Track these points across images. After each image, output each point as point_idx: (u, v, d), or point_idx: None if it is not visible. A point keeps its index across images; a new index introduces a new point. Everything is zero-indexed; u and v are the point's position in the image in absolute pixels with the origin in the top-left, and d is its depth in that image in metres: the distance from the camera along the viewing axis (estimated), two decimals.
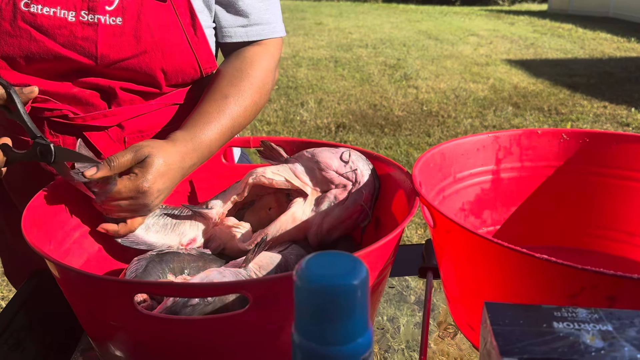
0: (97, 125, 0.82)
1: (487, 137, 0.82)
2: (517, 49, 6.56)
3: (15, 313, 0.78)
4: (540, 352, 0.38)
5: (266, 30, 0.89)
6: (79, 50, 0.77)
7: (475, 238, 0.55)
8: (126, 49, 0.78)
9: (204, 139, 0.77)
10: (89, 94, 0.81)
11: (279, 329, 0.53)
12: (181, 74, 0.83)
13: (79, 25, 0.77)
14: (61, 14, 0.76)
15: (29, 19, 0.75)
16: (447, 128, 3.99)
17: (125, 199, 0.69)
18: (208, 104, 0.81)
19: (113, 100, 0.82)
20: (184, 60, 0.82)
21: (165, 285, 0.50)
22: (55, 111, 0.80)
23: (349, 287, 0.37)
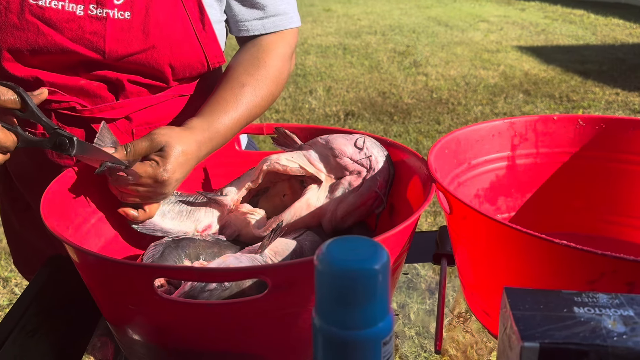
0: (105, 117, 0.82)
1: (502, 123, 0.81)
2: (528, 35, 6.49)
3: (32, 299, 0.79)
4: (562, 337, 0.38)
5: (283, 21, 0.89)
6: (87, 44, 0.77)
7: (493, 224, 0.55)
8: (134, 43, 0.78)
9: (220, 127, 0.77)
10: (97, 86, 0.81)
11: (296, 314, 0.54)
12: (189, 69, 0.83)
13: (88, 20, 0.76)
14: (69, 8, 0.76)
15: (37, 12, 0.75)
16: (457, 115, 3.96)
17: (144, 185, 0.70)
18: (225, 92, 0.81)
19: (121, 93, 0.82)
20: (192, 55, 0.82)
21: (186, 270, 0.50)
22: (63, 103, 0.80)
23: (370, 271, 0.37)
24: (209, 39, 0.83)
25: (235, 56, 0.88)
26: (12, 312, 0.76)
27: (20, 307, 0.77)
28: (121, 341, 0.63)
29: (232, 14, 0.87)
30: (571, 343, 0.38)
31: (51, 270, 0.86)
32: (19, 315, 0.75)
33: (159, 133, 0.71)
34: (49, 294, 0.81)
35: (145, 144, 0.70)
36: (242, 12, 0.87)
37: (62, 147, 0.67)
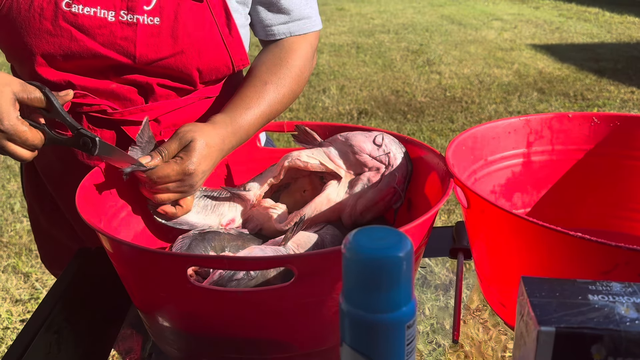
0: (135, 120, 0.84)
1: (518, 121, 0.83)
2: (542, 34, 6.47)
3: (63, 290, 0.82)
4: (577, 322, 0.41)
5: (307, 25, 0.91)
6: (118, 49, 0.79)
7: (511, 217, 0.57)
8: (164, 48, 0.80)
9: (243, 123, 0.80)
10: (127, 90, 0.83)
11: (321, 302, 0.56)
12: (215, 72, 0.86)
13: (119, 25, 0.78)
14: (101, 14, 0.78)
15: (70, 18, 0.77)
16: (470, 114, 3.97)
17: (174, 181, 0.73)
18: (248, 89, 0.83)
19: (150, 96, 0.85)
20: (218, 59, 0.84)
21: (217, 259, 0.53)
22: (94, 106, 0.83)
23: (396, 259, 0.39)
24: (234, 42, 0.85)
25: (258, 57, 0.91)
26: (44, 304, 0.79)
27: (51, 299, 0.80)
28: (151, 328, 0.66)
29: (259, 18, 0.90)
30: (586, 327, 0.40)
31: (80, 262, 0.89)
32: (53, 303, 0.78)
33: (184, 130, 0.74)
34: (78, 286, 0.84)
35: (175, 144, 0.73)
36: (269, 17, 0.90)
37: (85, 147, 0.70)
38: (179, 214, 0.77)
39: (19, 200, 2.83)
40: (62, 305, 0.78)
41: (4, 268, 2.30)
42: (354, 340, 0.42)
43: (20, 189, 2.94)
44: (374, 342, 0.41)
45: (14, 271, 2.28)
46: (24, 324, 1.97)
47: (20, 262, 2.32)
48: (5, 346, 1.88)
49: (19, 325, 1.98)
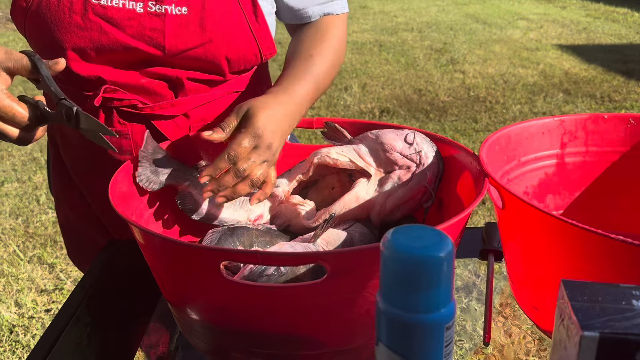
0: (165, 114, 0.85)
1: (552, 121, 0.81)
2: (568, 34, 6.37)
3: (94, 280, 0.83)
4: (622, 328, 0.39)
5: (338, 6, 0.93)
6: (148, 40, 0.79)
7: (549, 218, 0.56)
8: (192, 38, 0.80)
9: (297, 92, 0.79)
10: (157, 84, 0.83)
11: (352, 299, 0.56)
12: (243, 61, 0.86)
13: (147, 16, 0.79)
14: (130, 6, 0.78)
15: (100, 11, 0.78)
16: (494, 114, 3.92)
17: (250, 150, 0.69)
18: (295, 63, 0.84)
19: (180, 90, 0.85)
20: (246, 47, 0.84)
21: (250, 254, 0.53)
22: (125, 101, 0.83)
23: (437, 258, 0.39)
24: (261, 30, 0.85)
25: (296, 37, 0.91)
26: (73, 296, 0.80)
27: (80, 291, 0.81)
28: (180, 321, 0.67)
29: (289, 4, 0.90)
30: (631, 334, 0.39)
31: (109, 255, 0.90)
32: (84, 294, 0.79)
33: (239, 105, 0.73)
34: (107, 278, 0.85)
35: (233, 117, 0.71)
36: (300, 1, 0.90)
37: (69, 120, 0.65)
38: (268, 192, 0.75)
39: (45, 192, 2.87)
40: (91, 297, 0.79)
41: (30, 258, 2.34)
42: (391, 339, 0.41)
43: (47, 181, 2.99)
44: (412, 343, 0.40)
45: (40, 262, 2.32)
46: (48, 313, 2.00)
47: (45, 253, 2.36)
48: (31, 335, 1.91)
49: (43, 315, 2.01)
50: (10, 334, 1.92)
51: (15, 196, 2.84)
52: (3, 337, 1.90)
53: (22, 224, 2.59)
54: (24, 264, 2.30)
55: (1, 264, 2.30)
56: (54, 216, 2.65)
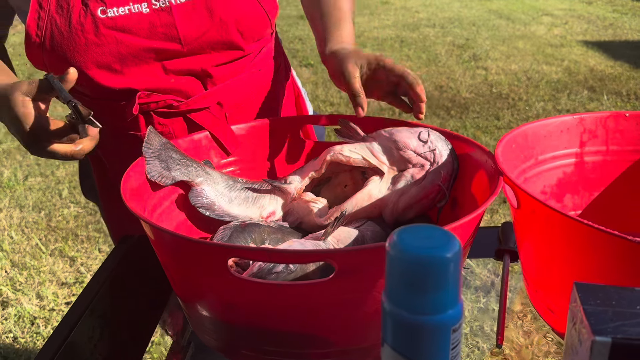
0: (199, 107, 0.87)
1: (571, 119, 0.80)
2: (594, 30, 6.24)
3: (109, 274, 0.84)
4: (636, 333, 0.38)
5: None
6: (162, 37, 0.80)
7: (565, 219, 0.54)
8: (203, 22, 0.81)
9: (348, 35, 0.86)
10: (185, 80, 0.85)
11: (361, 299, 0.55)
12: (255, 27, 0.87)
13: (155, 14, 0.79)
14: (135, 9, 0.79)
15: (110, 24, 0.79)
16: (517, 111, 3.86)
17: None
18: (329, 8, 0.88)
19: (208, 82, 0.87)
20: (253, 14, 0.86)
21: (258, 251, 0.52)
22: (160, 102, 0.85)
23: (444, 259, 0.38)
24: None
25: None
26: (88, 289, 0.80)
27: (95, 284, 0.82)
28: (191, 317, 0.67)
29: None
30: None
31: (125, 249, 0.91)
32: (95, 292, 0.80)
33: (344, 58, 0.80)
34: (122, 272, 0.86)
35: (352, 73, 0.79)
36: None
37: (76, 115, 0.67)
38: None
39: (67, 187, 2.92)
40: (105, 290, 0.80)
41: (52, 252, 2.38)
42: (396, 341, 0.40)
43: (69, 176, 3.03)
44: (418, 345, 0.40)
45: (61, 255, 2.36)
46: (68, 306, 2.03)
47: (66, 247, 2.40)
48: (51, 327, 1.95)
49: (64, 308, 2.04)
50: (32, 325, 1.95)
51: (38, 190, 2.89)
52: (24, 328, 1.94)
53: (44, 217, 2.64)
54: (46, 257, 2.34)
55: (24, 257, 2.34)
56: (75, 210, 2.69)
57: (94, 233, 2.51)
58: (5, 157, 3.29)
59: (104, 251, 2.37)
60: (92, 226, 2.56)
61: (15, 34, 6.08)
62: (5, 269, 2.27)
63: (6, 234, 2.51)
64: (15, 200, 2.79)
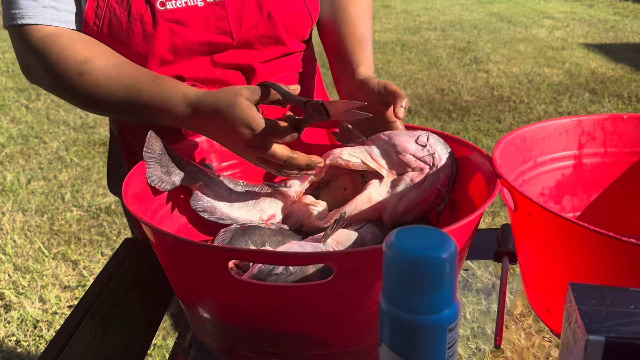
0: None
1: (569, 122, 0.80)
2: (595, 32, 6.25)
3: (111, 276, 0.84)
4: (629, 332, 0.39)
5: None
6: (215, 30, 0.83)
7: (560, 221, 0.55)
8: (252, 17, 0.84)
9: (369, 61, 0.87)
10: (230, 74, 0.87)
11: (359, 300, 0.56)
12: (298, 25, 0.89)
13: (209, 8, 0.82)
14: (191, 3, 0.81)
15: (168, 16, 0.80)
16: (519, 114, 3.87)
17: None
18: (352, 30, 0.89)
19: (252, 77, 0.89)
20: (298, 13, 0.88)
21: (258, 253, 0.53)
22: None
23: (439, 259, 0.38)
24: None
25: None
26: (90, 291, 0.81)
27: (97, 287, 0.82)
28: (192, 319, 0.67)
29: None
30: (638, 339, 0.38)
31: (126, 252, 0.91)
32: (96, 294, 0.81)
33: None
34: (124, 275, 0.87)
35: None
36: None
37: (320, 112, 0.69)
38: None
39: (70, 190, 2.93)
40: (107, 293, 0.81)
41: (54, 255, 2.39)
42: (394, 340, 0.41)
43: (71, 180, 3.04)
44: (414, 344, 0.40)
45: (63, 258, 2.37)
46: (71, 309, 2.04)
47: (69, 250, 2.41)
48: (54, 330, 1.95)
49: (66, 311, 2.05)
50: (34, 329, 1.96)
51: (41, 194, 2.90)
52: (27, 331, 1.95)
53: (47, 221, 2.65)
54: (49, 260, 2.35)
55: (27, 260, 2.35)
56: (78, 214, 2.70)
57: (96, 236, 2.52)
58: (8, 161, 3.30)
59: (107, 254, 2.38)
60: (94, 230, 2.57)
61: None
62: (8, 272, 2.28)
63: (9, 237, 2.52)
64: (18, 204, 2.80)
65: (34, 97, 4.42)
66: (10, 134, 3.70)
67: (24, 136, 3.66)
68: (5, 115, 4.03)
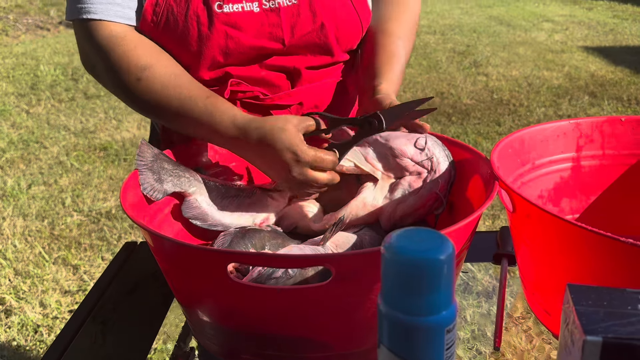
0: (282, 104, 0.89)
1: (568, 124, 0.80)
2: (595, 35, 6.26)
3: (111, 280, 0.85)
4: (626, 333, 0.39)
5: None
6: (268, 36, 0.84)
7: (558, 222, 0.55)
8: (305, 25, 0.84)
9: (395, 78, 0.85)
10: (275, 76, 0.88)
11: (358, 302, 0.56)
12: (350, 37, 0.90)
13: (264, 14, 0.83)
14: (247, 8, 0.82)
15: (224, 19, 0.82)
16: (518, 117, 3.88)
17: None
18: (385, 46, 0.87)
19: (297, 81, 0.89)
20: (350, 23, 0.88)
21: (257, 256, 0.53)
22: (247, 93, 0.88)
23: (436, 261, 0.38)
24: (361, 4, 0.89)
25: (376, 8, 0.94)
26: (90, 295, 0.81)
27: (97, 291, 0.83)
28: (192, 323, 0.68)
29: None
30: (636, 339, 0.38)
31: (126, 256, 0.92)
32: (97, 298, 0.81)
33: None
34: (124, 279, 0.87)
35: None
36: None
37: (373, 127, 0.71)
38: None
39: (70, 195, 2.93)
40: (107, 297, 0.81)
41: (55, 260, 2.39)
42: (392, 342, 0.41)
43: (72, 184, 3.05)
44: (413, 345, 0.40)
45: (64, 263, 2.37)
46: (72, 314, 2.04)
47: (70, 255, 2.41)
48: (54, 335, 1.95)
49: (67, 316, 2.05)
50: (35, 333, 1.96)
51: (41, 199, 2.90)
52: (28, 336, 1.95)
53: (47, 226, 2.65)
54: (49, 265, 2.35)
55: (27, 265, 2.35)
56: (78, 219, 2.70)
57: (96, 241, 2.52)
58: (9, 166, 3.31)
59: (107, 259, 2.38)
60: (95, 234, 2.57)
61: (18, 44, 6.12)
62: (9, 277, 2.28)
63: (9, 242, 2.52)
64: (19, 209, 2.80)
65: (34, 102, 4.44)
66: (10, 139, 3.71)
67: (24, 141, 3.67)
68: (6, 121, 4.04)
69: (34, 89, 4.74)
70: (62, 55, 5.56)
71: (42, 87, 4.78)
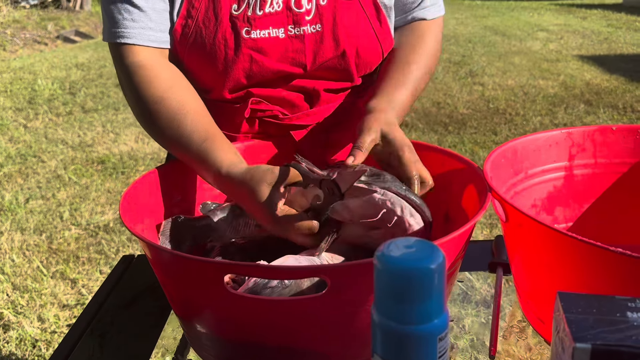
0: (301, 124, 0.91)
1: (560, 134, 0.82)
2: (589, 44, 6.31)
3: (109, 293, 0.85)
4: (614, 340, 0.40)
5: (440, 9, 0.96)
6: (291, 62, 0.86)
7: (549, 231, 0.56)
8: (328, 52, 0.86)
9: (398, 100, 0.83)
10: (295, 97, 0.90)
11: (353, 313, 0.57)
12: (369, 63, 0.91)
13: (289, 40, 0.85)
14: (274, 34, 0.84)
15: (250, 44, 0.84)
16: (514, 126, 3.90)
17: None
18: (393, 71, 0.87)
19: (315, 102, 0.91)
20: (371, 50, 0.89)
21: (253, 267, 0.54)
22: (267, 112, 0.90)
23: (427, 270, 0.39)
24: (384, 33, 0.90)
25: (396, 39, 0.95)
26: (88, 308, 0.82)
27: (95, 304, 0.83)
28: (189, 334, 0.68)
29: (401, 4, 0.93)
30: (624, 345, 0.39)
31: (124, 268, 0.92)
32: (95, 311, 0.81)
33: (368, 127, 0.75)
34: (122, 291, 0.87)
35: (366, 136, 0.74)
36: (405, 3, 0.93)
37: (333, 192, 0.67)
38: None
39: (68, 209, 2.93)
40: (105, 310, 0.81)
41: (53, 274, 2.39)
42: (386, 351, 0.42)
43: (69, 198, 3.05)
44: (406, 354, 0.41)
45: (62, 277, 2.36)
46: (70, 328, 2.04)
47: (68, 269, 2.41)
48: (52, 349, 1.95)
49: (65, 330, 2.05)
50: (33, 348, 1.96)
51: (39, 213, 2.91)
52: (26, 351, 1.94)
53: (45, 240, 2.65)
54: (47, 279, 2.35)
55: (25, 280, 2.35)
56: (76, 232, 2.70)
57: (95, 255, 2.52)
58: (7, 181, 3.31)
59: (105, 272, 2.38)
60: (93, 248, 2.57)
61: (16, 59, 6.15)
62: (7, 292, 2.28)
63: (7, 257, 2.52)
64: (17, 223, 2.80)
65: (32, 116, 4.45)
66: (8, 153, 3.72)
67: (22, 155, 3.68)
68: (4, 135, 4.05)
69: (32, 103, 4.76)
70: (60, 69, 5.59)
71: (40, 101, 4.79)
